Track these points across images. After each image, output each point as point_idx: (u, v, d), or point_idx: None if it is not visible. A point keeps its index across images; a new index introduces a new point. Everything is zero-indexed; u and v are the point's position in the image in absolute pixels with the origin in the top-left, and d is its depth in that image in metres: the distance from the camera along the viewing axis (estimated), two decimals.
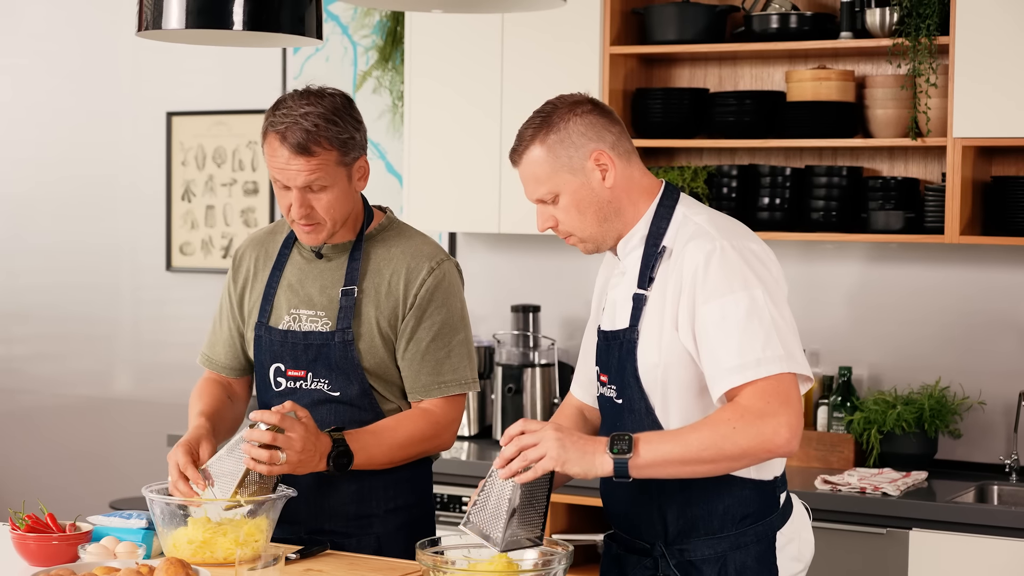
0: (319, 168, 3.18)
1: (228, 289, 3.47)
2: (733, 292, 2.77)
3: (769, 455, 2.75)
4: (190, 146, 6.28)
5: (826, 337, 5.06)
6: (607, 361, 2.97)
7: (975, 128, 4.54)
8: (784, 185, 4.93)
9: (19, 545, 3.07)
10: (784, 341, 2.77)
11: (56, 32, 6.56)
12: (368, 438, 3.21)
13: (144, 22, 3.15)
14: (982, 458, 4.87)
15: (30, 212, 6.70)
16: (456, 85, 5.28)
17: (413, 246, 3.33)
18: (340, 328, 3.27)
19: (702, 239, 2.84)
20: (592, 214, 2.92)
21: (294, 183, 3.19)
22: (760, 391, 2.73)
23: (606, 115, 2.94)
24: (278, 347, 3.33)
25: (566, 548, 2.82)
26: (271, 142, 3.21)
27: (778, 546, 2.91)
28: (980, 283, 4.89)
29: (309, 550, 3.12)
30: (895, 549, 4.34)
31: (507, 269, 5.62)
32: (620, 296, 2.96)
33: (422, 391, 3.29)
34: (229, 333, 3.47)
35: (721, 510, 2.89)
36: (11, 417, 6.80)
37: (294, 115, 3.18)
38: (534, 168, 2.92)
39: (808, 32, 4.86)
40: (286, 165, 3.18)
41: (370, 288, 3.30)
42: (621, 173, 2.92)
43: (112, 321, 6.54)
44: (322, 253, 3.34)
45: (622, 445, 2.71)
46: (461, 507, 4.94)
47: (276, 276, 3.38)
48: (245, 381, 3.53)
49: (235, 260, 3.48)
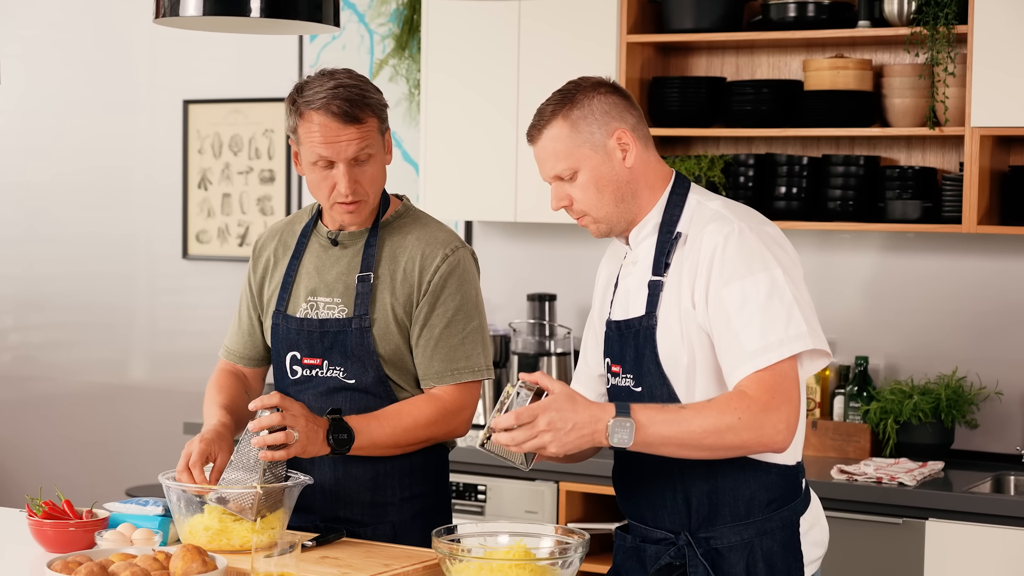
0: (367, 135, 3.19)
1: (248, 279, 3.48)
2: (753, 273, 2.77)
3: (763, 450, 2.76)
4: (207, 134, 6.29)
5: (843, 327, 5.05)
6: (621, 351, 2.96)
7: (993, 117, 4.53)
8: (801, 174, 4.92)
9: (36, 532, 3.08)
10: (807, 318, 2.77)
11: (72, 21, 6.57)
12: (370, 421, 3.20)
13: (162, 9, 3.16)
14: (999, 448, 4.86)
15: (47, 201, 6.71)
16: (472, 73, 5.27)
17: (428, 233, 3.33)
18: (357, 314, 3.27)
19: (719, 222, 2.84)
20: (610, 193, 2.91)
21: (344, 155, 3.18)
22: (765, 383, 2.73)
23: (626, 98, 2.95)
24: (294, 335, 3.33)
25: (582, 536, 2.81)
26: (313, 119, 3.18)
27: (802, 531, 2.90)
28: (997, 273, 4.88)
29: (325, 537, 3.13)
30: (911, 539, 4.33)
31: (523, 258, 5.62)
32: (634, 284, 2.95)
33: (435, 378, 3.28)
34: (249, 323, 3.48)
35: (747, 495, 2.87)
36: (28, 405, 6.82)
37: (327, 89, 3.17)
38: (555, 143, 2.91)
39: (826, 21, 4.85)
40: (336, 137, 3.17)
41: (385, 274, 3.29)
42: (640, 155, 2.92)
43: (128, 309, 6.55)
44: (338, 240, 3.34)
45: (622, 435, 2.69)
46: (477, 495, 4.94)
47: (295, 265, 3.38)
48: (260, 373, 3.53)
49: (255, 250, 3.48)
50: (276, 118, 6.10)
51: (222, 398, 3.39)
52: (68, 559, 2.83)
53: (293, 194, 6.11)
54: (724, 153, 5.14)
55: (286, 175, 6.11)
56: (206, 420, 3.33)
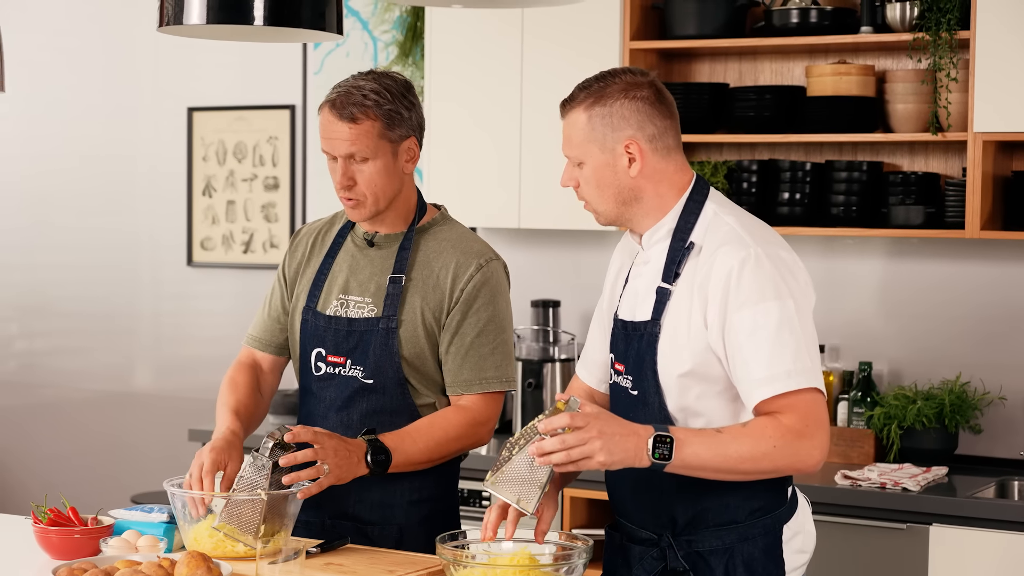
0: (361, 137, 3.26)
1: (283, 269, 3.53)
2: (765, 301, 2.79)
3: (796, 472, 2.81)
4: (211, 141, 6.30)
5: (846, 332, 5.06)
6: (625, 352, 2.97)
7: (996, 123, 4.53)
8: (804, 180, 4.92)
9: (41, 538, 3.09)
10: (811, 355, 2.80)
11: (77, 28, 6.58)
12: (404, 438, 3.24)
13: (165, 17, 3.17)
14: (1003, 453, 4.87)
15: (51, 208, 6.72)
16: (476, 80, 5.28)
17: (464, 242, 3.39)
18: (386, 315, 3.31)
19: (735, 244, 2.84)
20: (611, 195, 2.93)
21: (337, 151, 3.28)
22: (802, 410, 2.76)
23: (661, 106, 2.93)
24: (322, 332, 3.37)
25: (586, 543, 2.83)
26: (323, 113, 3.31)
27: (784, 539, 2.93)
28: (1001, 278, 4.88)
29: (330, 544, 3.13)
30: (915, 544, 4.33)
31: (527, 264, 5.63)
32: (643, 287, 2.96)
33: (463, 386, 3.32)
34: (279, 309, 3.52)
35: (732, 503, 2.90)
36: (33, 411, 6.83)
37: (346, 86, 3.30)
38: (572, 130, 2.95)
39: (828, 27, 4.86)
40: (331, 133, 3.28)
41: (418, 278, 3.34)
42: (652, 167, 2.91)
43: (133, 316, 6.56)
44: (374, 241, 3.39)
45: (664, 450, 2.71)
46: (482, 502, 4.95)
47: (328, 263, 3.44)
48: (278, 364, 3.55)
49: (292, 244, 3.55)
50: (280, 125, 6.11)
51: (234, 399, 3.41)
52: (73, 566, 2.84)
53: (297, 201, 6.12)
54: (727, 159, 5.14)
55: (290, 182, 6.12)
56: (217, 425, 3.35)
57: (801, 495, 3.03)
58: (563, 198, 5.16)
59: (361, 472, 3.16)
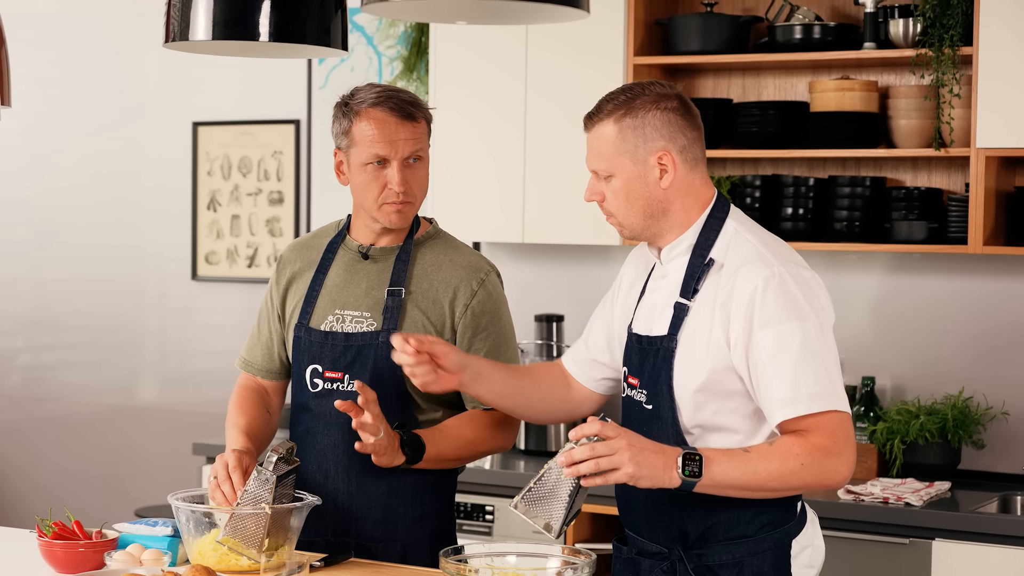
0: (421, 136, 3.27)
1: (270, 292, 3.50)
2: (789, 321, 2.79)
3: (824, 488, 2.82)
4: (216, 156, 6.32)
5: (849, 347, 5.06)
6: (640, 366, 2.98)
7: (998, 139, 4.54)
8: (807, 195, 4.93)
9: (46, 552, 3.10)
10: (832, 376, 2.81)
11: (84, 45, 6.60)
12: (435, 434, 3.26)
13: (171, 33, 3.19)
14: (1006, 468, 4.87)
15: (57, 222, 6.74)
16: (480, 95, 5.30)
17: (461, 256, 3.38)
18: (386, 328, 3.29)
19: (759, 263, 2.85)
20: (640, 208, 2.93)
21: (400, 153, 3.24)
22: (828, 428, 2.77)
23: (688, 117, 2.94)
24: (317, 348, 3.35)
25: (589, 556, 2.83)
26: (371, 116, 3.24)
27: (793, 553, 2.94)
28: (1004, 293, 4.89)
29: (333, 558, 3.14)
30: (918, 559, 4.34)
31: (531, 279, 5.64)
32: (660, 301, 2.97)
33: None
34: (269, 336, 3.49)
35: (744, 518, 2.91)
36: (38, 424, 6.84)
37: (380, 91, 3.26)
38: (600, 143, 2.93)
39: (831, 43, 4.87)
40: (395, 134, 3.23)
41: (417, 291, 3.33)
42: (682, 178, 2.92)
43: (138, 330, 6.58)
44: (369, 255, 3.37)
45: (693, 467, 2.72)
46: (486, 516, 4.95)
47: (319, 279, 3.41)
48: (281, 386, 3.55)
49: (279, 264, 3.52)
50: (285, 140, 6.13)
51: (244, 421, 3.40)
52: None
53: (302, 215, 6.13)
54: (731, 174, 5.15)
55: (295, 196, 6.13)
56: (229, 443, 3.34)
57: (810, 510, 3.04)
58: (567, 213, 5.18)
59: (399, 461, 3.16)
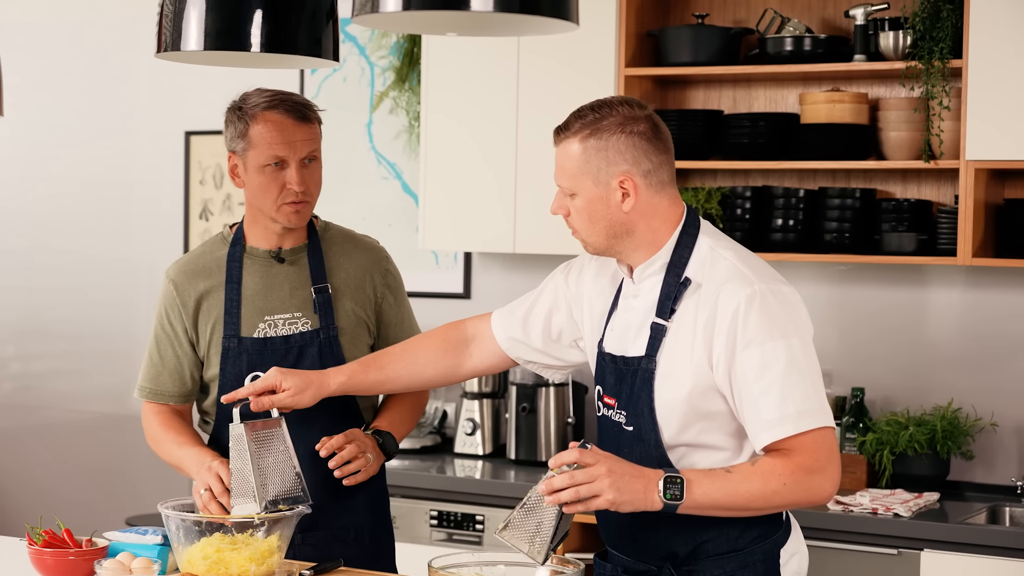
0: (316, 138, 3.37)
1: (168, 319, 3.48)
2: (773, 340, 2.78)
3: (809, 506, 2.83)
4: (208, 165, 6.32)
5: (839, 358, 5.08)
6: (617, 387, 2.96)
7: (988, 151, 4.56)
8: (798, 207, 4.95)
9: (36, 560, 3.10)
10: (818, 392, 2.81)
11: (76, 53, 6.61)
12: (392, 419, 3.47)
13: (163, 43, 3.19)
14: (994, 479, 4.88)
15: (49, 230, 6.74)
16: (472, 105, 5.31)
17: (360, 241, 3.54)
18: (324, 324, 3.37)
19: (739, 282, 2.83)
20: (603, 228, 2.91)
21: (298, 153, 3.32)
22: (811, 447, 2.77)
23: (657, 141, 2.89)
24: (256, 355, 3.37)
25: (577, 566, 2.84)
26: (269, 119, 3.32)
27: (782, 562, 2.94)
28: (993, 305, 4.91)
29: (323, 566, 3.14)
30: (907, 570, 4.35)
31: (522, 289, 5.60)
32: (635, 321, 2.95)
33: None
34: (176, 361, 3.47)
35: (733, 534, 2.91)
36: (29, 433, 6.84)
37: (272, 94, 3.35)
38: (565, 160, 2.92)
39: (822, 55, 4.89)
40: (292, 135, 3.31)
41: (339, 283, 3.42)
42: (646, 202, 2.89)
43: (129, 338, 6.57)
44: (283, 257, 3.42)
45: (675, 490, 2.73)
46: (475, 526, 4.96)
47: (235, 290, 3.41)
48: (190, 407, 3.55)
49: (174, 289, 3.49)
50: None
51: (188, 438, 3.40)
52: None
53: None
54: (721, 185, 5.17)
55: None
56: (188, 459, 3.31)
57: (792, 517, 3.05)
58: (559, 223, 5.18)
59: (381, 461, 3.37)
